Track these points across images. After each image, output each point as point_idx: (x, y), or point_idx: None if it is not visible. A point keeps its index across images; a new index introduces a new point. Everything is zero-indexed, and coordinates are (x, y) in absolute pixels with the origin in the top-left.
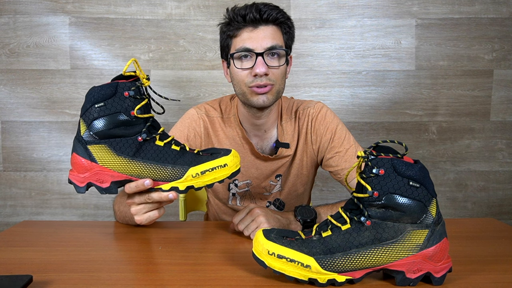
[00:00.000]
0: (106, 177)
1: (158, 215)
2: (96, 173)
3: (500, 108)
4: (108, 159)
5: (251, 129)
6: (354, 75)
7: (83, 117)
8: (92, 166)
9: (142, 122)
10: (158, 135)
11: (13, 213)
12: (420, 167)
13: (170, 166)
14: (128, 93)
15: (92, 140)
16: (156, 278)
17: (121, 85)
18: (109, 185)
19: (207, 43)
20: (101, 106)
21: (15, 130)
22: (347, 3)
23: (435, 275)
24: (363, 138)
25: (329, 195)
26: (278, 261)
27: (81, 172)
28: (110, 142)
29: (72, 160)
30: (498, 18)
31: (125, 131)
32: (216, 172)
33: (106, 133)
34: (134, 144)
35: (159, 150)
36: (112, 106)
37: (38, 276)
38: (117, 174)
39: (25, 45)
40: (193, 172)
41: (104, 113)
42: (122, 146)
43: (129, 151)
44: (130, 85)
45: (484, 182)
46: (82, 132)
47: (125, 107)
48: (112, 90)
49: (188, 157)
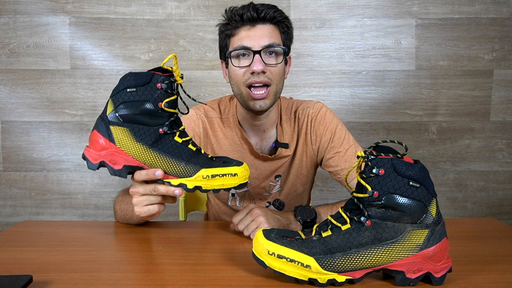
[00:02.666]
0: (120, 160)
1: (157, 210)
2: (112, 153)
3: (500, 108)
4: (127, 142)
5: (250, 129)
6: (354, 75)
7: (112, 98)
8: (109, 146)
9: (166, 115)
10: (178, 132)
11: (13, 213)
12: (420, 167)
13: (184, 163)
14: (160, 85)
15: (115, 122)
16: (156, 278)
17: (156, 76)
18: (121, 167)
19: (207, 43)
20: (133, 92)
21: (15, 130)
22: (347, 3)
23: (435, 275)
24: (363, 138)
25: (329, 195)
26: (278, 261)
27: (97, 150)
28: (132, 127)
29: (92, 137)
30: (498, 18)
31: (149, 120)
32: (225, 179)
33: (131, 117)
34: (154, 134)
35: (176, 146)
36: (143, 94)
37: (38, 276)
38: (131, 159)
39: (25, 45)
40: (204, 173)
41: (134, 99)
42: (143, 133)
43: (148, 139)
44: (164, 78)
45: (484, 182)
46: (108, 111)
47: (154, 97)
48: (147, 79)
49: (202, 158)
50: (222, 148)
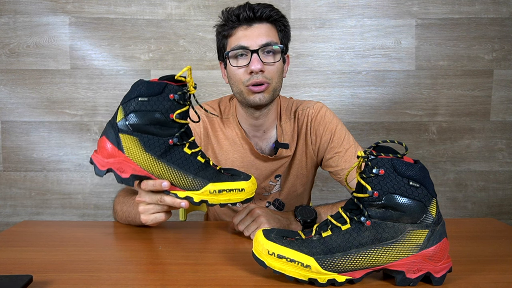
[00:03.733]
0: (128, 169)
1: (164, 218)
2: (120, 161)
3: (500, 108)
4: (135, 152)
5: (250, 130)
6: (354, 75)
7: (123, 106)
8: (118, 154)
9: (177, 126)
10: (188, 143)
11: (13, 213)
12: (420, 167)
13: (192, 176)
14: (173, 96)
15: (125, 130)
16: (156, 278)
17: (169, 86)
18: (128, 176)
19: (207, 43)
20: (144, 101)
21: (15, 130)
22: (347, 3)
23: (435, 275)
24: (363, 138)
25: (329, 195)
26: (278, 261)
27: (105, 157)
28: (142, 136)
29: (100, 143)
30: (498, 18)
31: (159, 131)
32: (232, 194)
33: (141, 127)
34: (164, 145)
35: (185, 158)
36: (155, 104)
37: (38, 276)
38: (139, 168)
39: (25, 45)
40: (211, 188)
41: (145, 108)
42: (152, 143)
43: (157, 150)
44: (177, 89)
45: (484, 182)
46: (118, 119)
47: (166, 108)
48: (160, 89)
49: (210, 172)
50: (222, 149)
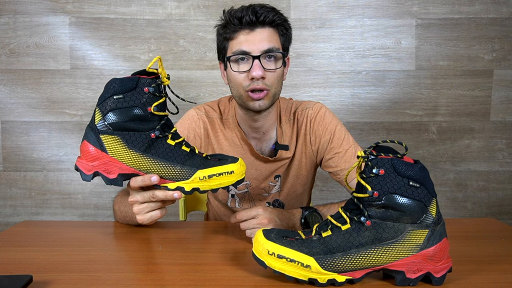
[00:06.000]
0: (114, 169)
1: (160, 215)
2: (105, 163)
3: (500, 108)
4: (119, 151)
5: (249, 131)
6: (354, 75)
7: (99, 107)
8: (101, 156)
9: (157, 119)
10: (170, 134)
11: (13, 213)
12: (420, 167)
13: (179, 166)
14: (148, 89)
15: (105, 130)
16: (156, 278)
17: (142, 80)
18: (116, 176)
19: (207, 43)
20: (120, 98)
21: (15, 130)
22: (347, 3)
23: (435, 275)
24: (363, 138)
25: (329, 195)
26: (278, 261)
27: (89, 160)
28: (123, 134)
29: (82, 147)
30: (498, 18)
31: (140, 126)
32: (222, 177)
33: (120, 125)
34: (146, 139)
35: (170, 149)
36: (131, 100)
37: (38, 276)
38: (125, 167)
39: (25, 45)
40: (201, 175)
41: (122, 105)
42: (134, 140)
43: (141, 145)
44: (150, 81)
45: (484, 182)
46: (96, 121)
47: (143, 102)
48: (133, 84)
49: (197, 159)
50: (222, 149)
